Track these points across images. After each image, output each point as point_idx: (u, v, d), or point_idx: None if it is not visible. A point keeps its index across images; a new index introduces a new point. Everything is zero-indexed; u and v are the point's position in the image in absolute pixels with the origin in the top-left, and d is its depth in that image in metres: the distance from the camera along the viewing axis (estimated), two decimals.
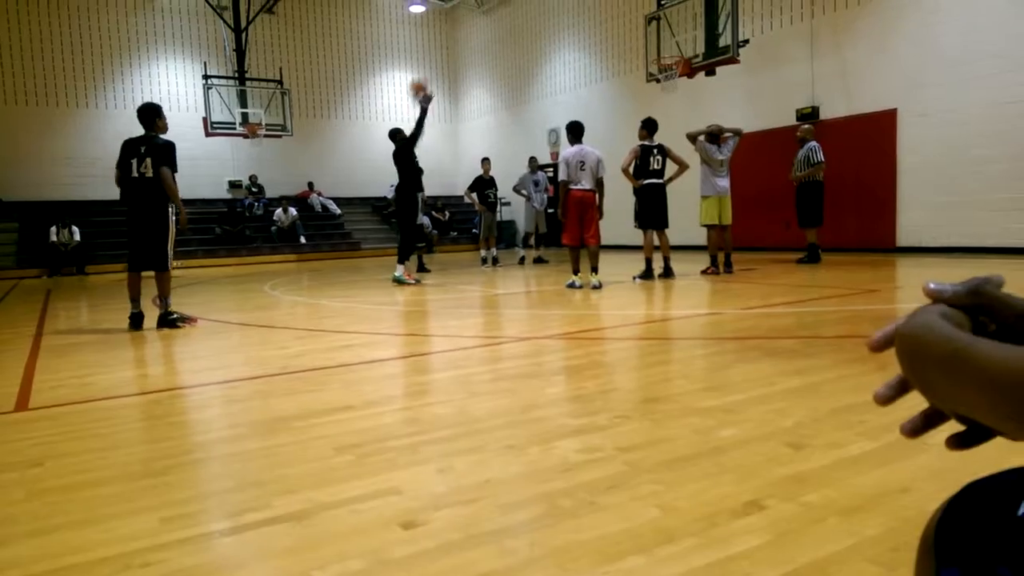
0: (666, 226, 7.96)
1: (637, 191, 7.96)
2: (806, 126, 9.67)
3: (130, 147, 5.31)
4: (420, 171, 8.88)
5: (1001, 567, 0.39)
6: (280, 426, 2.56)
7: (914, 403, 0.49)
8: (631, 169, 7.87)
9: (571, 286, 7.21)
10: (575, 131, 7.28)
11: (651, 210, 7.87)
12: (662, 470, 1.95)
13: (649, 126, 7.86)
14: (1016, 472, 0.45)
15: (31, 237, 14.57)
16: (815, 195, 9.09)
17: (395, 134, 8.96)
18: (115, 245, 15.45)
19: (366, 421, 2.61)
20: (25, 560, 1.56)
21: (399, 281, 8.38)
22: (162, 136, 5.40)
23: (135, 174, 5.25)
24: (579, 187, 7.10)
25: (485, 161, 11.55)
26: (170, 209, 5.38)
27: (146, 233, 5.32)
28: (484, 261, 11.43)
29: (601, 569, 1.41)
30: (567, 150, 7.19)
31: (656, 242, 7.96)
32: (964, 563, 0.42)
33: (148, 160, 5.23)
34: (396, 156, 8.73)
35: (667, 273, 7.90)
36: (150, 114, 5.39)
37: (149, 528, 1.70)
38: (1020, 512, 0.40)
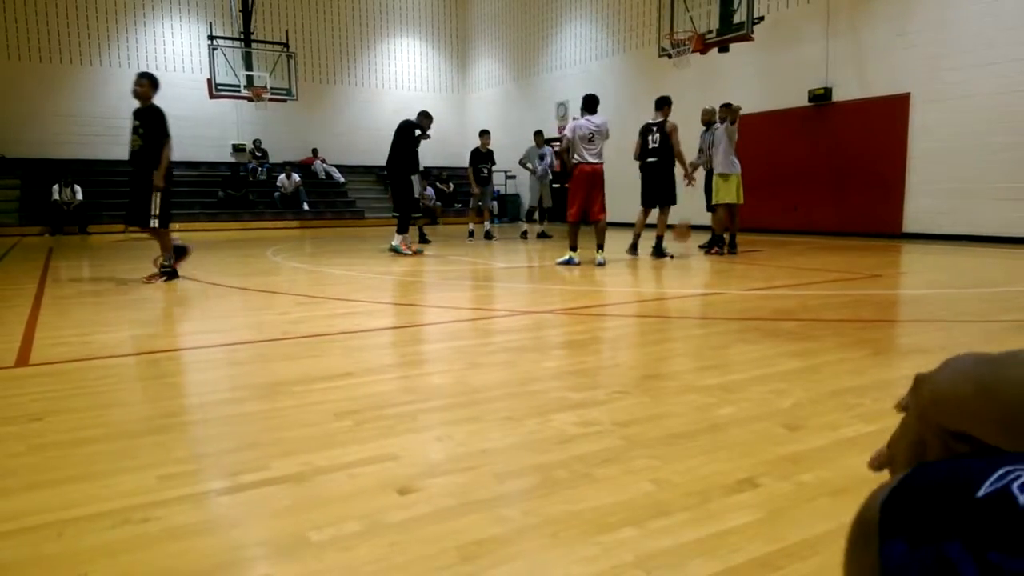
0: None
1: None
2: (710, 108, 8.84)
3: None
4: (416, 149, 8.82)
5: (953, 541, 0.36)
6: (279, 390, 2.57)
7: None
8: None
9: (567, 263, 6.99)
10: (588, 104, 7.05)
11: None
12: (658, 445, 1.96)
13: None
14: (980, 458, 0.41)
15: (33, 195, 14.51)
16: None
17: (424, 116, 8.67)
18: (118, 206, 15.35)
19: (365, 388, 2.62)
20: (23, 513, 1.57)
21: (395, 251, 8.36)
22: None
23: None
24: (586, 161, 6.95)
25: (484, 134, 11.37)
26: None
27: None
28: (471, 235, 11.54)
29: (594, 539, 1.42)
30: (575, 121, 7.01)
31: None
32: (912, 534, 0.39)
33: None
34: (411, 136, 8.48)
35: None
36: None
37: (147, 485, 1.71)
38: (980, 494, 0.36)
